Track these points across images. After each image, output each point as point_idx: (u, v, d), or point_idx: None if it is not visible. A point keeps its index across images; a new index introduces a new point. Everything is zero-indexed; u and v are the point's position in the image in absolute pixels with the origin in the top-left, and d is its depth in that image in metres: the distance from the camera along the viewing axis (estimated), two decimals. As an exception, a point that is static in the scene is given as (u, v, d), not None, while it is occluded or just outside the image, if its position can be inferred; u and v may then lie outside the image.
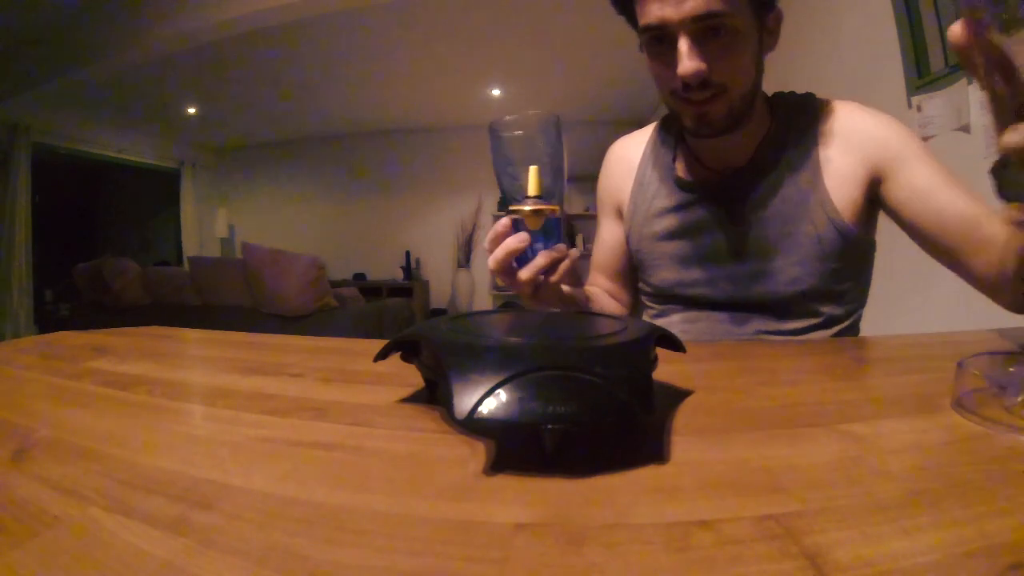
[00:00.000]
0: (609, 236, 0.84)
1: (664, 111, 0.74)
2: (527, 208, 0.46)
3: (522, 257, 0.50)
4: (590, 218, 5.34)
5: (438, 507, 0.20)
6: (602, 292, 0.84)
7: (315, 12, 2.98)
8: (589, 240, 5.31)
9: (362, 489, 0.22)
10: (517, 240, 0.49)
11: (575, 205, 5.37)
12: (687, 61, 0.56)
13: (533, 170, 0.46)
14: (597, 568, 0.16)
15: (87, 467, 0.24)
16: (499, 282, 0.51)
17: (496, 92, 4.79)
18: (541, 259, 0.49)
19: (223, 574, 0.16)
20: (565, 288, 0.57)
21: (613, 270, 0.84)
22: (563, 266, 0.51)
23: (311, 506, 0.20)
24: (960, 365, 0.30)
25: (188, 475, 0.23)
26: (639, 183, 0.78)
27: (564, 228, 0.51)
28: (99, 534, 0.18)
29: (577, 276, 0.64)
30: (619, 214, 0.82)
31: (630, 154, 0.81)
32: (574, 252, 0.52)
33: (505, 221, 0.50)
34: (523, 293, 0.52)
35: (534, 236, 0.49)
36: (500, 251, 0.50)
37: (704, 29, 0.56)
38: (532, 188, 0.46)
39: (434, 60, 4.03)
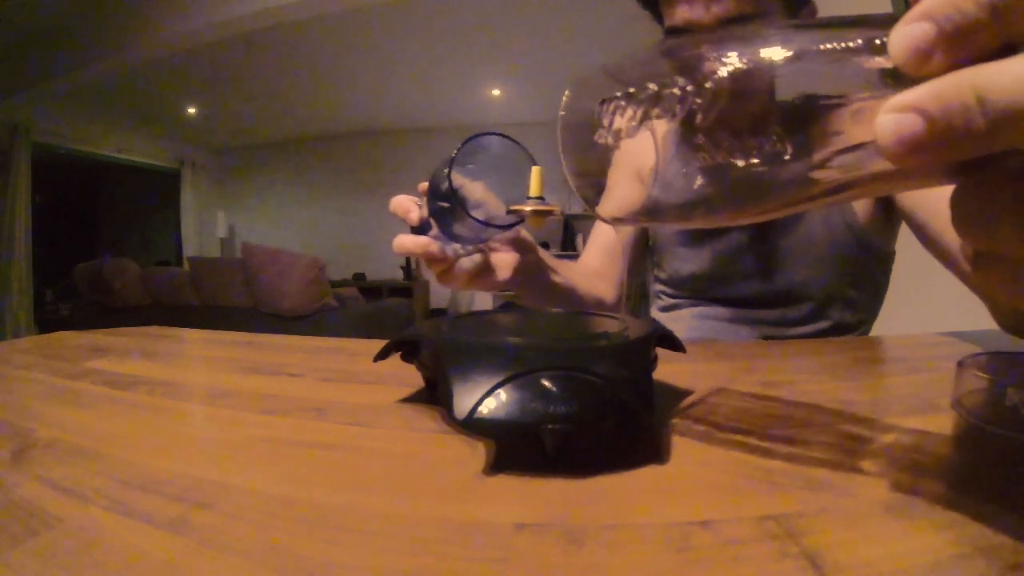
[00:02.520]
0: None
1: None
2: (528, 208, 0.46)
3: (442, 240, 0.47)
4: (591, 219, 5.33)
5: (438, 507, 0.20)
6: (580, 269, 0.76)
7: (315, 12, 2.98)
8: (589, 240, 5.30)
9: (362, 489, 0.22)
10: (414, 220, 0.47)
11: (574, 205, 5.36)
12: None
13: (535, 171, 0.46)
14: (597, 568, 0.16)
15: (87, 467, 0.24)
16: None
17: (496, 92, 4.79)
18: (407, 240, 0.46)
19: (223, 574, 0.16)
20: (462, 274, 0.49)
21: (613, 244, 0.79)
22: (435, 268, 0.47)
23: (311, 506, 0.20)
24: (960, 365, 0.30)
25: (188, 475, 0.23)
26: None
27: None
28: (99, 534, 0.18)
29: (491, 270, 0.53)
30: (639, 178, 0.79)
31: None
32: (464, 263, 0.47)
33: (416, 217, 0.47)
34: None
35: (442, 235, 0.46)
36: (397, 204, 0.48)
37: None
38: (534, 189, 0.46)
39: (434, 60, 4.03)
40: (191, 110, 5.04)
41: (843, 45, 0.16)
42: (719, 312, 0.72)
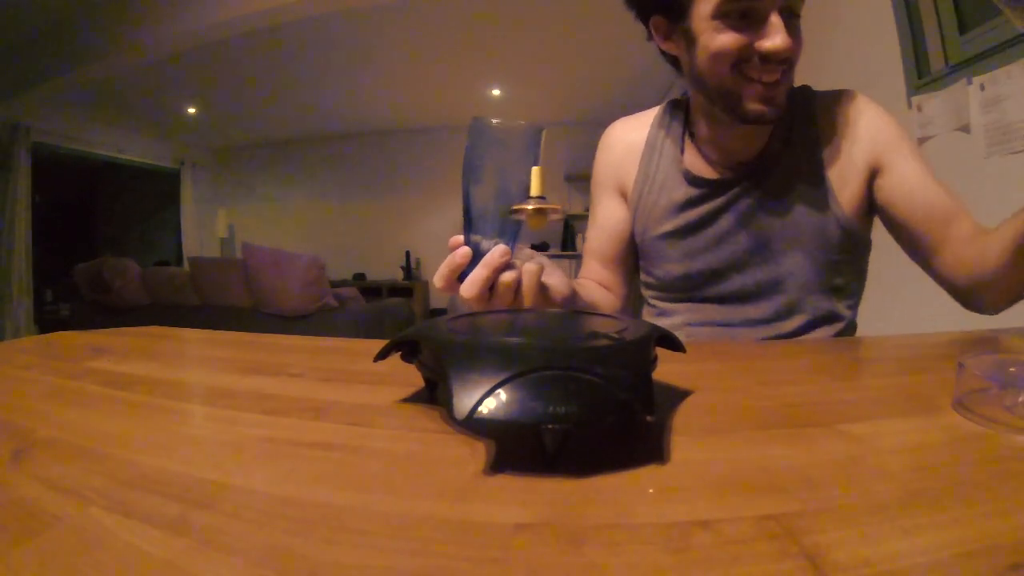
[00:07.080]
0: (607, 218, 0.81)
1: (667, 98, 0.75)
2: (530, 207, 0.46)
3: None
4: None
5: (438, 507, 0.20)
6: (594, 285, 0.81)
7: (314, 12, 2.98)
8: (589, 240, 5.30)
9: (362, 489, 0.22)
10: (461, 255, 0.47)
11: (575, 205, 5.37)
12: (784, 34, 0.57)
13: (536, 171, 0.46)
14: (597, 568, 0.16)
15: (87, 467, 0.24)
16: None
17: (496, 92, 4.79)
18: (480, 271, 0.46)
19: (223, 574, 0.16)
20: (524, 293, 0.49)
21: (609, 256, 0.81)
22: (507, 277, 0.47)
23: (311, 506, 0.20)
24: (960, 365, 0.30)
25: (188, 475, 0.23)
26: (644, 169, 0.77)
27: (520, 235, 0.49)
28: (99, 534, 0.18)
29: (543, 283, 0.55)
30: (621, 195, 0.80)
31: (633, 136, 0.79)
32: (530, 266, 0.48)
33: (465, 251, 0.48)
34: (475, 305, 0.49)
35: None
36: (443, 267, 0.48)
37: (788, 9, 0.58)
38: (535, 189, 0.46)
39: (434, 60, 4.03)
40: (191, 110, 5.04)
41: None
42: (711, 312, 0.72)
